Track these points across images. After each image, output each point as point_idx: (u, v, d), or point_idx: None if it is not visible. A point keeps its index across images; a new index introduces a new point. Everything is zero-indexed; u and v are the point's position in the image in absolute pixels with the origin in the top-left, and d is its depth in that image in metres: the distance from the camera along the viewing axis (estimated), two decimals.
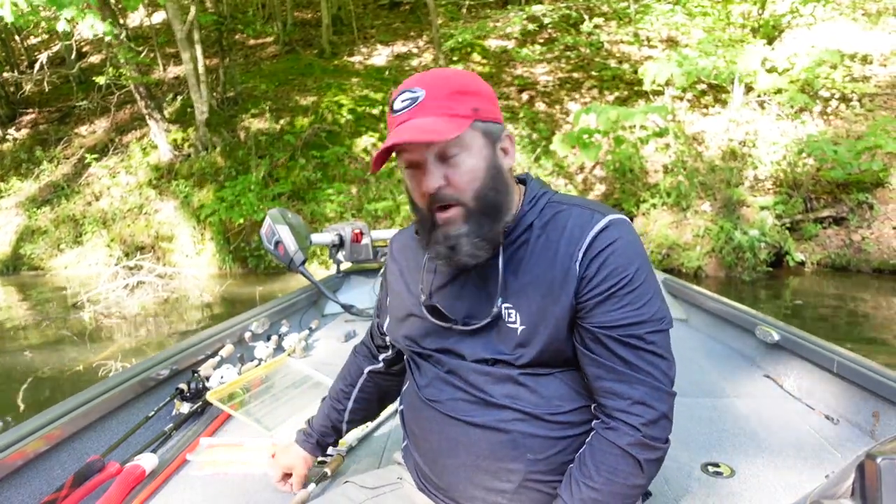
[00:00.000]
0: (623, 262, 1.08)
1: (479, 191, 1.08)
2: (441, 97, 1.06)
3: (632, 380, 1.07)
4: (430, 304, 1.20)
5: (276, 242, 3.14)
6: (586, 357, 1.11)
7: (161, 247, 10.72)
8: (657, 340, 1.09)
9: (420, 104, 1.06)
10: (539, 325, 1.11)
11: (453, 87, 1.08)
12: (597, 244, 1.09)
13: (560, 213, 1.15)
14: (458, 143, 1.06)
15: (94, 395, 1.77)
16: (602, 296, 1.08)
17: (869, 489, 0.81)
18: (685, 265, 8.25)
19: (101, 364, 5.33)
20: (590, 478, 1.07)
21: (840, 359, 1.98)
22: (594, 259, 1.08)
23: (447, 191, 1.08)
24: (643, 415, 1.06)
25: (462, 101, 1.07)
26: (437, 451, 1.19)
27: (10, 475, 1.46)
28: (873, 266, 8.01)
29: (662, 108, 8.46)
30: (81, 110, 13.73)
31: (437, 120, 1.04)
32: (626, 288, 1.08)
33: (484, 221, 1.09)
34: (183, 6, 10.90)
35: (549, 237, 1.13)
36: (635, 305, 1.08)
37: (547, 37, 13.12)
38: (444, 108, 1.06)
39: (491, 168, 1.10)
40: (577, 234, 1.10)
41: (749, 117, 9.43)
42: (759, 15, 9.73)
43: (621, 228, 1.11)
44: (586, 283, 1.09)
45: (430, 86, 1.08)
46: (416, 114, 1.06)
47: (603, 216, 1.11)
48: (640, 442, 1.06)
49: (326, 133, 11.09)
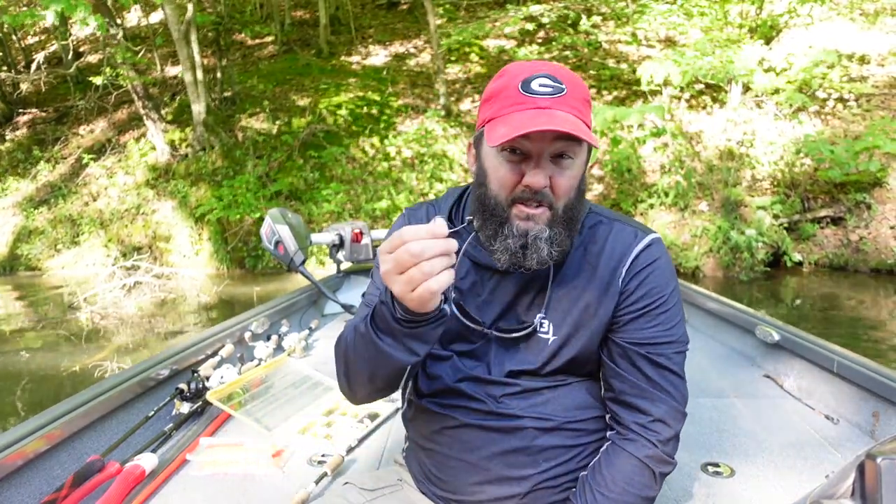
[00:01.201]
0: (661, 283, 1.11)
1: (570, 201, 1.06)
2: (579, 99, 1.03)
3: (654, 398, 1.09)
4: (459, 302, 1.17)
5: (276, 242, 3.14)
6: (612, 370, 1.13)
7: (158, 247, 10.70)
8: (680, 362, 1.12)
9: (563, 97, 1.01)
10: (572, 338, 1.12)
11: (585, 94, 1.05)
12: (639, 262, 1.10)
13: (599, 226, 1.15)
14: (575, 150, 1.03)
15: (94, 395, 1.77)
16: (637, 313, 1.10)
17: (869, 489, 0.82)
18: (683, 265, 8.26)
19: (98, 365, 5.32)
20: (605, 487, 1.08)
21: (840, 359, 1.98)
22: (635, 276, 1.10)
23: (547, 192, 1.03)
24: (661, 432, 1.09)
25: (589, 109, 1.06)
26: (447, 455, 1.18)
27: (10, 475, 1.45)
28: (871, 266, 8.03)
29: (659, 107, 8.47)
30: (79, 110, 13.70)
31: (579, 122, 1.00)
32: (661, 308, 1.10)
33: (564, 232, 1.06)
34: (180, 6, 10.87)
35: (588, 250, 1.13)
36: (666, 325, 1.10)
37: (545, 37, 13.13)
38: (579, 111, 1.02)
39: (582, 182, 1.09)
40: (621, 250, 1.11)
41: (747, 117, 9.44)
42: (757, 15, 9.73)
43: (661, 248, 1.13)
44: (625, 298, 1.10)
45: (570, 83, 1.03)
46: (559, 105, 1.00)
47: (645, 235, 1.13)
48: (658, 455, 1.08)
49: (324, 133, 11.07)
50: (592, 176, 10.08)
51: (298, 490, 1.53)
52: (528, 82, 1.02)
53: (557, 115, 0.99)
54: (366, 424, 1.95)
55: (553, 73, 1.03)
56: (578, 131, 0.96)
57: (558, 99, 1.01)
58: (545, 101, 1.00)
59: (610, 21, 12.43)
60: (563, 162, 1.03)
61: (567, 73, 1.05)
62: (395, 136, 10.92)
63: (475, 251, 1.16)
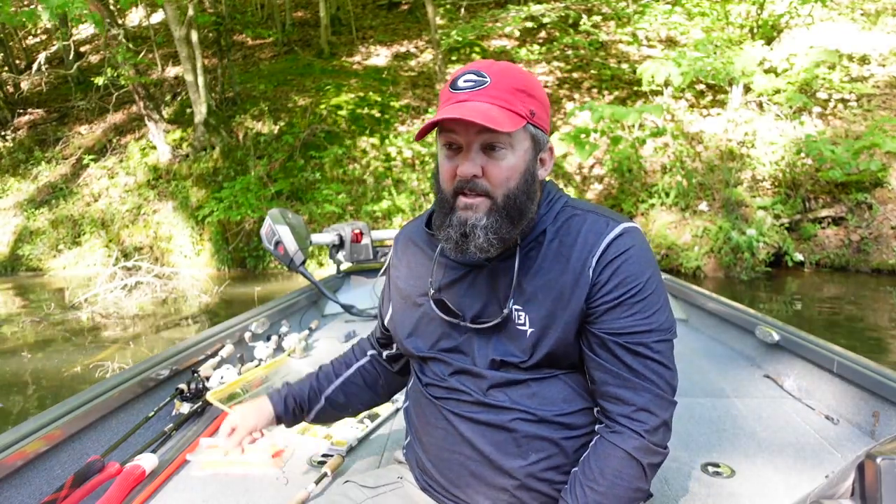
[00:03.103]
0: (635, 271, 1.10)
1: (511, 191, 1.08)
2: (505, 89, 1.06)
3: (636, 387, 1.09)
4: (438, 298, 1.20)
5: (276, 242, 3.14)
6: (592, 362, 1.13)
7: (159, 247, 10.71)
8: (663, 350, 1.11)
9: (484, 89, 1.06)
10: (548, 329, 1.12)
11: (518, 85, 1.08)
12: (611, 251, 1.10)
13: (574, 218, 1.16)
14: (507, 140, 1.07)
15: (94, 395, 1.77)
16: (612, 302, 1.10)
17: (869, 489, 0.82)
18: (684, 265, 8.25)
19: (99, 365, 5.33)
20: (594, 481, 1.08)
21: (840, 359, 1.98)
22: (607, 266, 1.10)
23: (481, 181, 1.08)
24: (646, 421, 1.08)
25: (523, 100, 1.07)
26: (441, 448, 1.20)
27: (10, 475, 1.46)
28: (872, 266, 8.02)
29: (657, 107, 8.46)
30: (80, 111, 13.71)
31: (497, 110, 1.04)
32: (637, 296, 1.09)
33: (504, 221, 1.09)
34: (181, 6, 10.88)
35: (563, 242, 1.14)
36: (645, 314, 1.10)
37: (546, 37, 13.13)
38: (505, 101, 1.05)
39: (527, 173, 1.11)
40: (592, 240, 1.11)
41: (748, 117, 9.43)
42: (758, 15, 9.73)
43: (635, 237, 1.12)
44: (598, 289, 1.10)
45: (497, 75, 1.07)
46: (477, 97, 1.06)
47: (617, 224, 1.12)
48: (645, 446, 1.08)
49: (325, 133, 11.07)
50: (593, 176, 10.07)
51: (298, 490, 1.53)
52: (455, 80, 1.09)
53: (471, 107, 1.03)
54: (366, 424, 1.95)
55: (483, 68, 1.08)
56: (486, 119, 1.00)
57: (478, 92, 1.06)
58: (464, 95, 1.06)
59: (611, 21, 12.42)
60: (495, 153, 1.07)
61: (501, 66, 1.10)
62: (395, 137, 10.91)
63: None
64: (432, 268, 1.24)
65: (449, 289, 1.21)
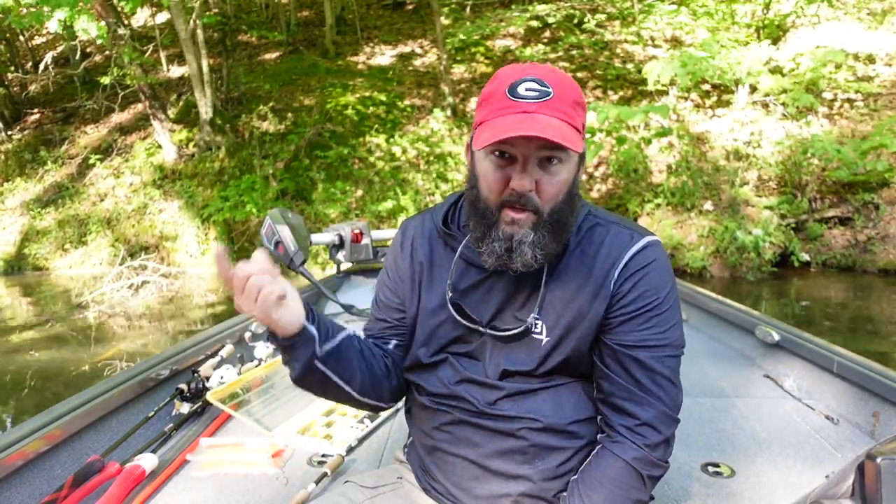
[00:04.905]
0: (655, 285, 1.09)
1: (558, 206, 1.05)
2: (567, 102, 1.02)
3: (643, 401, 1.09)
4: (456, 302, 1.18)
5: (277, 242, 3.14)
6: (601, 372, 1.13)
7: (165, 247, 10.75)
8: (673, 367, 1.11)
9: (549, 101, 1.01)
10: (564, 338, 1.12)
11: (576, 97, 1.04)
12: (633, 264, 1.09)
13: (597, 227, 1.14)
14: (563, 155, 1.03)
15: (94, 395, 1.78)
16: (630, 315, 1.09)
17: (869, 489, 0.82)
18: (690, 265, 8.23)
19: (106, 363, 5.35)
20: (593, 489, 1.08)
21: (840, 359, 1.98)
22: (629, 278, 1.09)
23: (533, 196, 1.03)
24: (649, 437, 1.08)
25: (579, 113, 1.05)
26: (446, 450, 1.19)
27: (10, 475, 1.46)
28: (879, 266, 7.97)
29: (663, 107, 8.44)
30: (86, 110, 13.77)
31: (567, 127, 1.00)
32: (655, 311, 1.09)
33: (550, 236, 1.06)
34: (187, 7, 10.91)
35: (585, 252, 1.13)
36: (660, 328, 1.09)
37: (550, 36, 13.11)
38: (568, 116, 1.01)
39: (573, 187, 1.08)
40: (616, 252, 1.10)
41: (753, 117, 9.40)
42: (764, 15, 9.69)
43: (657, 251, 1.12)
44: (617, 300, 1.09)
45: (558, 86, 1.02)
46: (545, 110, 1.00)
47: (641, 237, 1.12)
48: (646, 458, 1.07)
49: (330, 133, 11.09)
50: (598, 176, 10.06)
51: (298, 490, 1.54)
52: (514, 86, 1.02)
53: (540, 120, 0.98)
54: (366, 424, 1.95)
55: (542, 76, 1.03)
56: (561, 137, 0.96)
57: (544, 103, 1.00)
58: (531, 106, 1.00)
59: (616, 21, 12.40)
60: (551, 167, 1.03)
61: (558, 75, 1.05)
62: (400, 137, 10.92)
63: (470, 252, 1.17)
64: (451, 269, 1.20)
65: (466, 292, 1.18)
